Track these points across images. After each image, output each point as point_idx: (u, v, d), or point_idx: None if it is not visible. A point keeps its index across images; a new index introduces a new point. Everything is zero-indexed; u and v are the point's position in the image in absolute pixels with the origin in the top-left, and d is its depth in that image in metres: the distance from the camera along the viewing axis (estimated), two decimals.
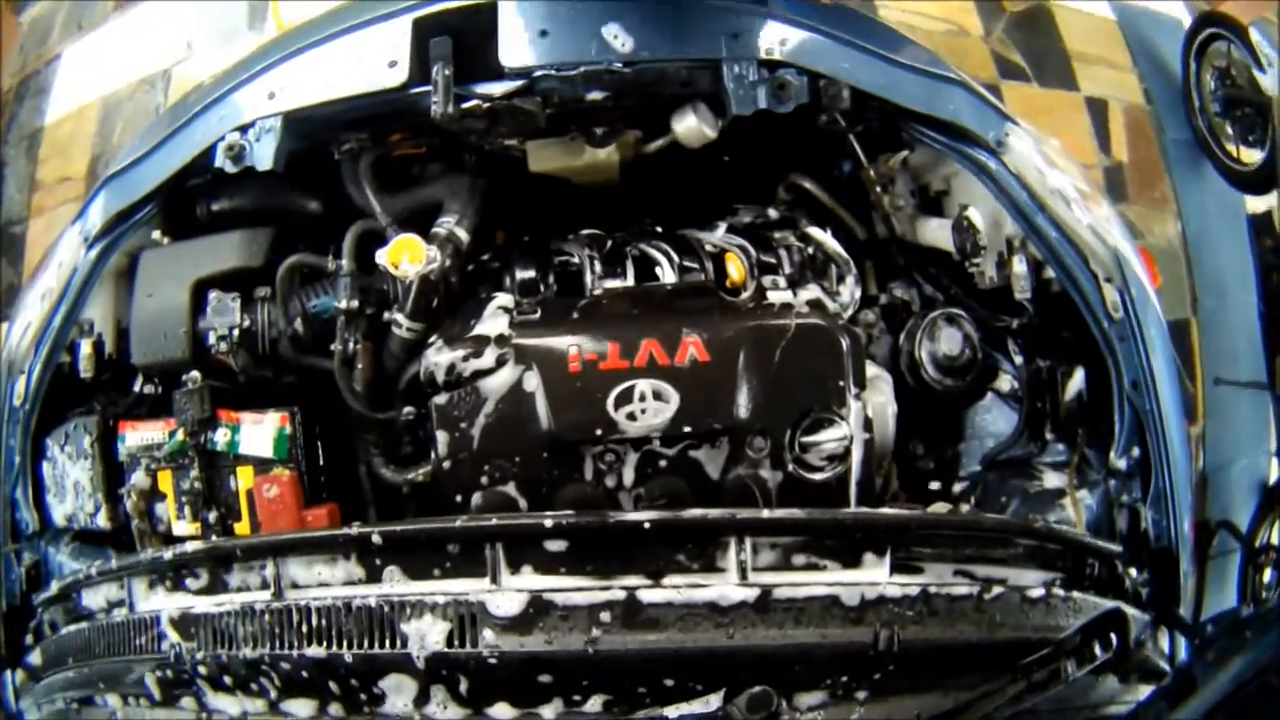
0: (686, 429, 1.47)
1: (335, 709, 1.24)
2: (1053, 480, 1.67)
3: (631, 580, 1.21)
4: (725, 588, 1.21)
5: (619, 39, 1.55)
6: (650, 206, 1.74)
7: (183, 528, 1.60)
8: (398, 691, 1.22)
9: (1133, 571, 1.50)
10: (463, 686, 1.21)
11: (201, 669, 1.29)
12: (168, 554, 1.36)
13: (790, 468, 1.49)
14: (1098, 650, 1.34)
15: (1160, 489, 1.54)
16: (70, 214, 1.86)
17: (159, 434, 1.61)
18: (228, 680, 1.28)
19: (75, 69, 4.47)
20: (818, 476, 1.49)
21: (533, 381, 1.47)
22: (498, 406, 1.48)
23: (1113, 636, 1.35)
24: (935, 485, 1.71)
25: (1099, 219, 1.66)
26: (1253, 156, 3.46)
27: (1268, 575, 3.02)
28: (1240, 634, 1.40)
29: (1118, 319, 1.56)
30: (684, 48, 1.56)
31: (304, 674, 1.24)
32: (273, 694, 1.26)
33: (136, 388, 1.72)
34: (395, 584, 1.25)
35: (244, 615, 1.26)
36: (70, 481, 1.68)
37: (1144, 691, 1.40)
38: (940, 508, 1.65)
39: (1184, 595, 1.54)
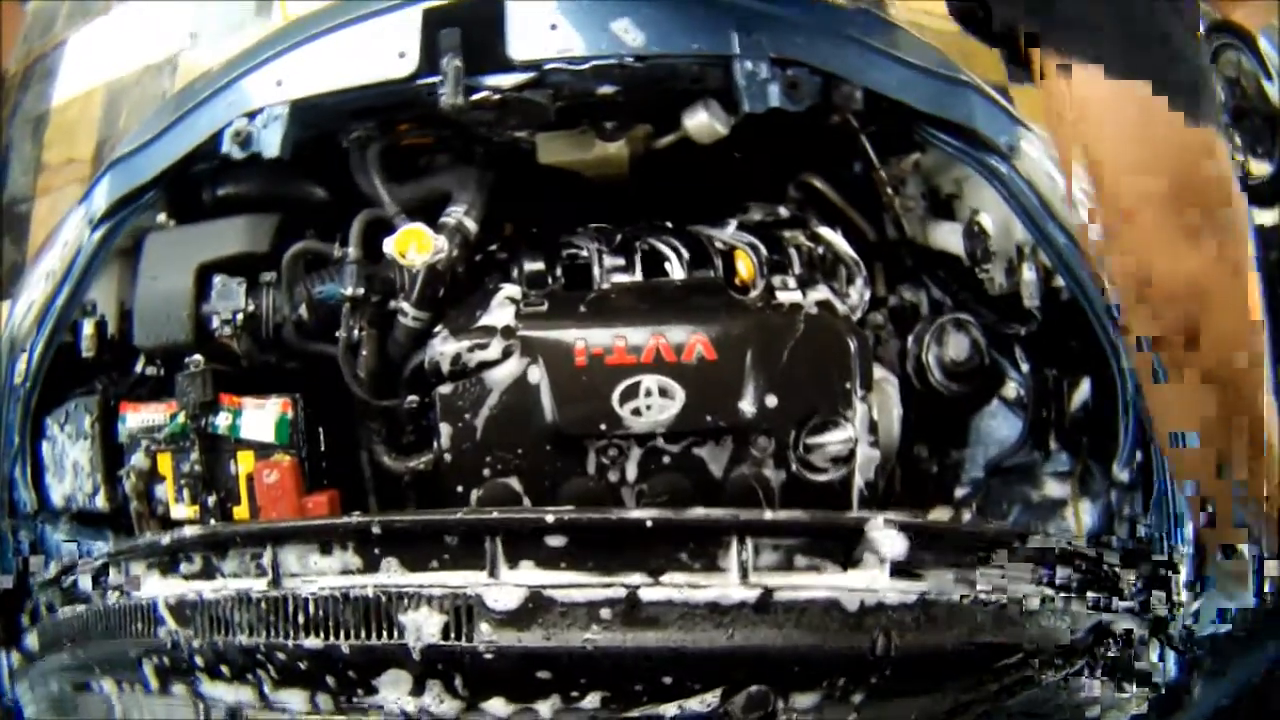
0: (691, 426, 1.46)
1: (329, 699, 1.24)
2: (1055, 489, 1.66)
3: (632, 578, 1.21)
4: (726, 587, 1.21)
5: (630, 33, 1.54)
6: (660, 202, 1.74)
7: (181, 511, 1.59)
8: (393, 684, 1.21)
9: (1130, 581, 1.49)
10: (458, 680, 1.20)
11: (197, 656, 1.28)
12: (165, 538, 1.36)
13: (794, 468, 1.48)
14: (1096, 656, 1.34)
15: (1161, 498, 1.54)
16: (75, 195, 1.85)
17: (160, 416, 1.60)
18: (223, 668, 1.28)
19: (81, 54, 4.47)
20: (821, 478, 1.48)
21: (538, 374, 1.46)
22: (502, 398, 1.47)
23: (1111, 643, 1.35)
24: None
25: None
26: (1261, 169, 3.44)
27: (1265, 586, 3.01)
28: (1233, 649, 1.40)
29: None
30: (696, 43, 1.56)
31: (299, 663, 1.23)
32: (268, 683, 1.25)
33: (138, 369, 1.72)
34: (393, 575, 1.24)
35: (241, 602, 1.26)
36: (69, 462, 1.67)
37: (1133, 693, 1.40)
38: (942, 513, 1.65)
39: (1180, 606, 1.53)
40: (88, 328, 1.69)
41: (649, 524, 1.23)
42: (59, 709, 1.51)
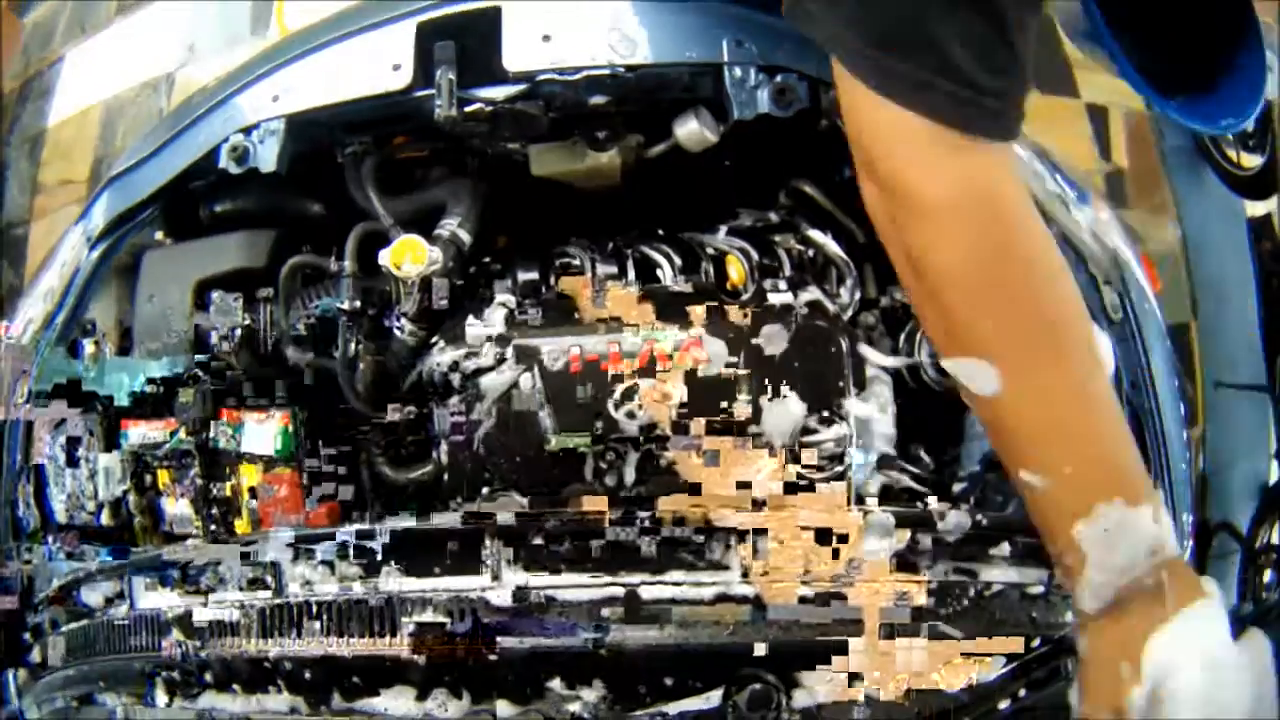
0: (687, 429, 1.47)
1: (335, 705, 1.26)
2: None
3: (632, 578, 1.23)
4: (726, 585, 1.23)
5: (622, 43, 1.55)
6: (652, 210, 1.75)
7: (184, 525, 1.60)
8: (398, 689, 1.23)
9: None
10: (462, 683, 1.22)
11: (202, 667, 1.30)
12: (168, 552, 1.38)
13: (789, 467, 1.49)
14: None
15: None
16: (71, 217, 1.87)
17: (161, 433, 1.62)
18: (228, 678, 1.30)
19: (78, 71, 4.47)
20: (817, 476, 1.50)
21: (533, 381, 1.47)
22: (498, 406, 1.49)
23: None
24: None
25: (1099, 222, 1.67)
26: (1253, 161, 3.46)
27: (1268, 576, 3.02)
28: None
29: (1116, 321, 1.57)
30: (686, 52, 1.57)
31: (305, 671, 1.25)
32: (273, 691, 1.27)
33: (138, 387, 1.73)
34: (395, 581, 1.26)
35: (245, 613, 1.28)
36: (71, 480, 1.69)
37: None
38: (939, 507, 1.66)
39: None
40: (88, 347, 1.70)
41: (647, 524, 1.24)
42: (63, 718, 1.53)
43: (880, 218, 1.15)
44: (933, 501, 1.45)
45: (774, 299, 1.55)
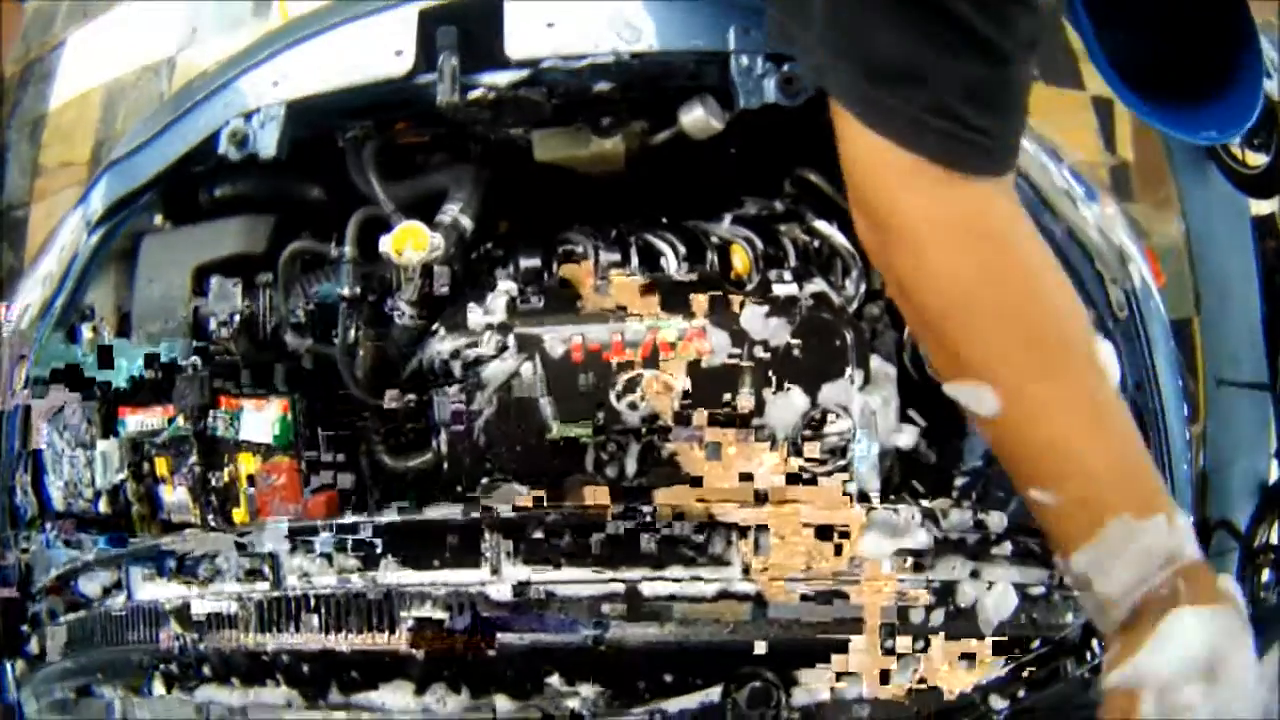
0: (689, 420, 1.46)
1: (333, 699, 1.25)
2: None
3: (632, 573, 1.22)
4: (727, 582, 1.22)
5: (627, 30, 1.54)
6: (656, 198, 1.74)
7: (182, 514, 1.59)
8: (396, 683, 1.22)
9: None
10: (461, 678, 1.21)
11: (200, 660, 1.30)
12: (166, 542, 1.37)
13: (792, 460, 1.48)
14: (1097, 648, 1.34)
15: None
16: (72, 199, 1.86)
17: (158, 420, 1.61)
18: (226, 671, 1.29)
19: (80, 55, 4.47)
20: (820, 469, 1.49)
21: (535, 370, 1.47)
22: (499, 395, 1.48)
23: None
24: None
25: (1105, 217, 1.66)
26: (1258, 160, 3.45)
27: (1266, 575, 3.02)
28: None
29: (1122, 319, 1.56)
30: (692, 40, 1.55)
31: (303, 664, 1.24)
32: (271, 684, 1.26)
33: (136, 373, 1.72)
34: (394, 573, 1.25)
35: (242, 604, 1.27)
36: (69, 467, 1.68)
37: None
38: (941, 503, 1.65)
39: None
40: (86, 332, 1.70)
41: (648, 519, 1.24)
42: (61, 710, 1.52)
43: (872, 247, 1.13)
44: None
45: (779, 290, 1.54)
